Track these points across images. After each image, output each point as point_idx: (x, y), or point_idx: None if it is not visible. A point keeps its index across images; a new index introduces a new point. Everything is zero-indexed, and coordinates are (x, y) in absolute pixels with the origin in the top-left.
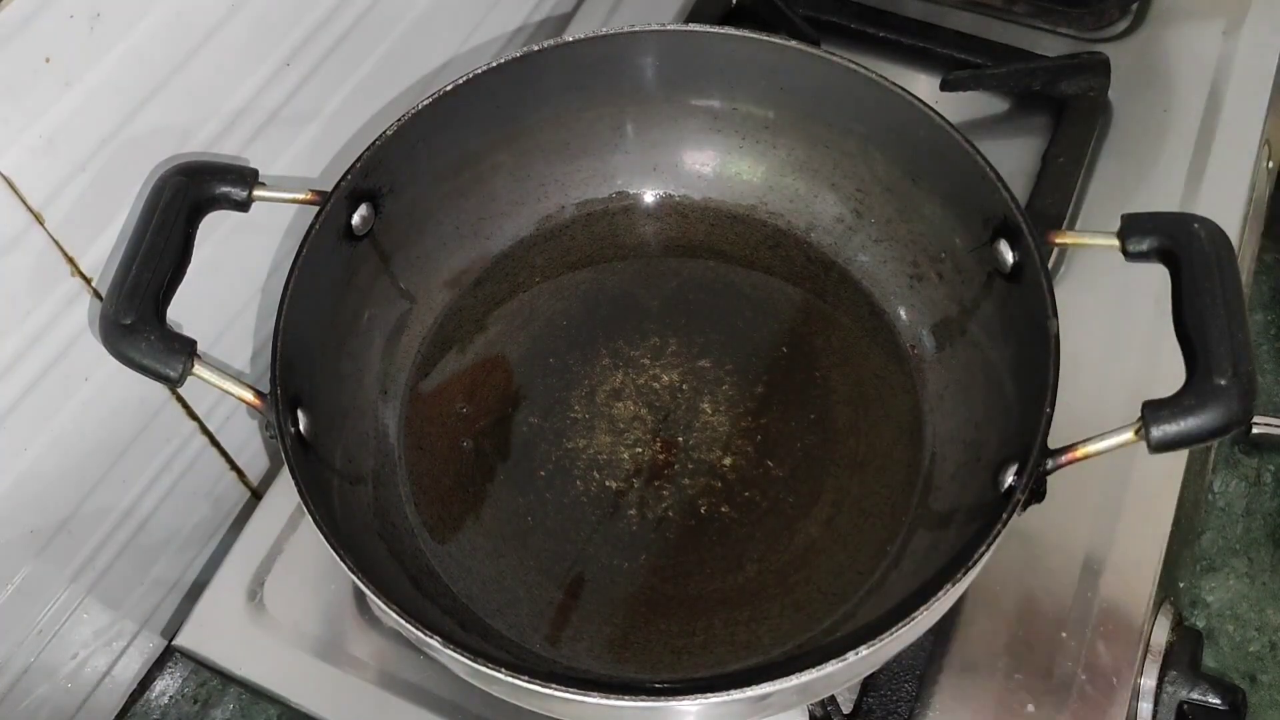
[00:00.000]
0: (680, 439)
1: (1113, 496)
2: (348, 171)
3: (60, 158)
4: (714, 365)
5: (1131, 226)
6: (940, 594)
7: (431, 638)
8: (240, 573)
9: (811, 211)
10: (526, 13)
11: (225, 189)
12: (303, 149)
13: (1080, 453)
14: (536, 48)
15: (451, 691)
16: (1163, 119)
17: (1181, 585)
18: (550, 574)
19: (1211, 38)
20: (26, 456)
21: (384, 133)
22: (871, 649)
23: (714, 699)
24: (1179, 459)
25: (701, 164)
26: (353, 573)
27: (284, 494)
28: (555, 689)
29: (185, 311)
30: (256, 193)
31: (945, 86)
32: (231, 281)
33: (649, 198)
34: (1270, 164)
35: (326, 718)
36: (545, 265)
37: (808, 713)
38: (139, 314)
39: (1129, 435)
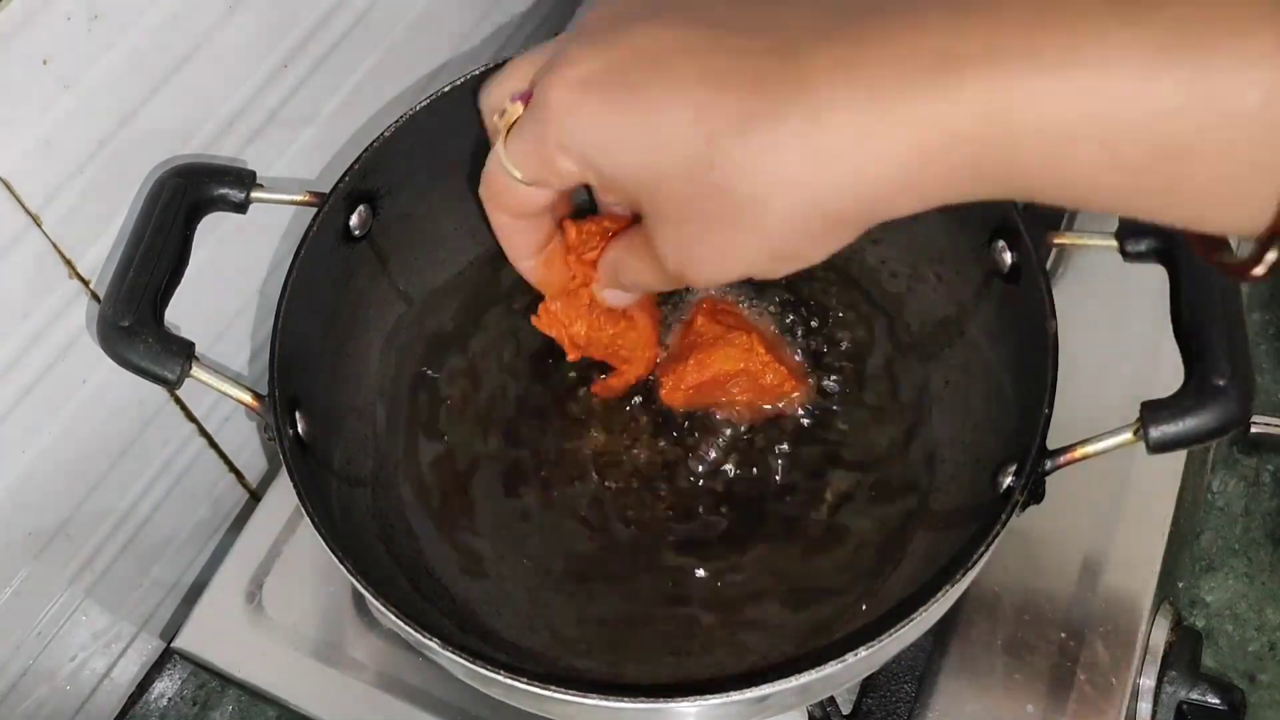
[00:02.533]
0: (678, 440)
1: (1112, 497)
2: (346, 173)
3: (58, 160)
4: None
5: (1129, 227)
6: (940, 594)
7: (430, 639)
8: (239, 575)
9: None
10: (524, 14)
11: (223, 191)
12: (301, 150)
13: (1079, 453)
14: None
15: (450, 693)
16: None
17: (1180, 585)
18: (549, 575)
19: None
20: (25, 459)
21: (382, 134)
22: (871, 649)
23: (713, 700)
24: (1178, 459)
25: None
26: (351, 575)
27: (283, 496)
28: (554, 690)
29: (183, 313)
30: (254, 194)
31: None
32: (230, 283)
33: None
34: None
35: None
36: None
37: (807, 714)
38: (137, 316)
39: (1128, 436)
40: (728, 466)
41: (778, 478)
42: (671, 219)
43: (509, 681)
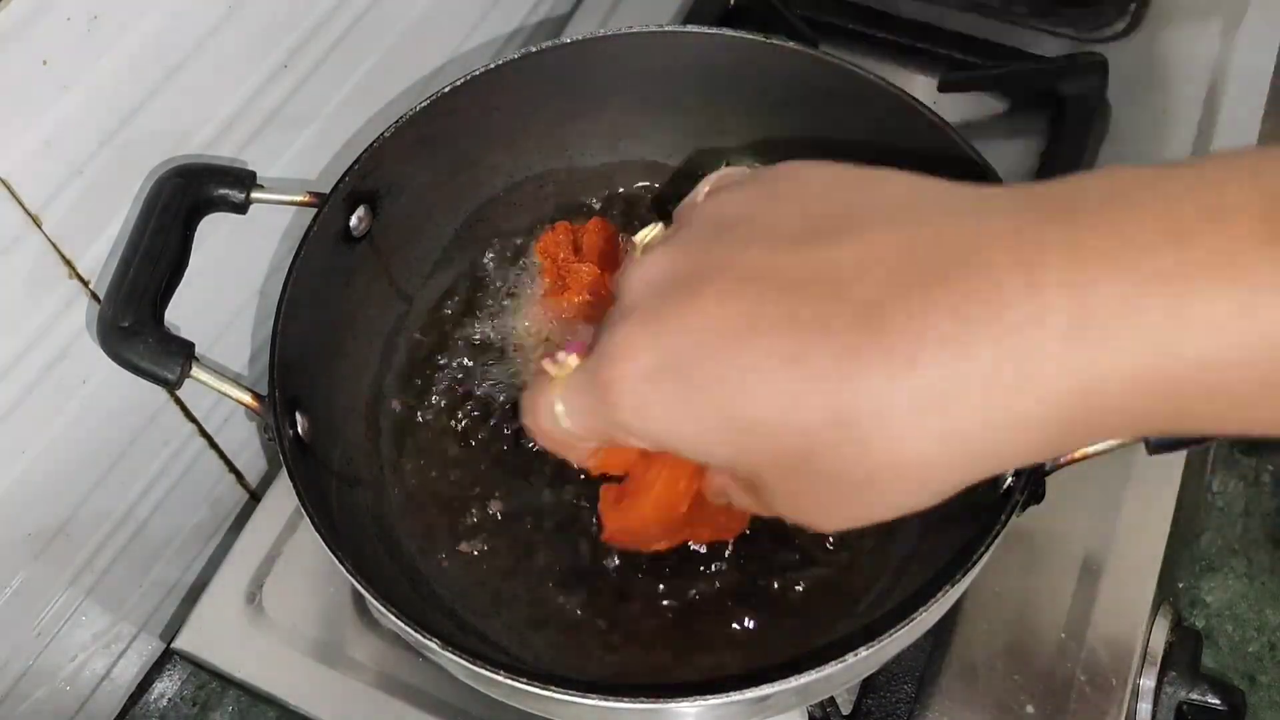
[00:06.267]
0: None
1: (1112, 497)
2: (345, 173)
3: (58, 160)
4: None
5: None
6: (939, 594)
7: (430, 640)
8: (239, 575)
9: None
10: (524, 14)
11: (223, 191)
12: (300, 151)
13: (1079, 453)
14: (534, 49)
15: (450, 694)
16: (1161, 120)
17: (1180, 585)
18: (549, 575)
19: (1209, 38)
20: (24, 459)
21: (382, 135)
22: (871, 650)
23: (713, 700)
24: (1177, 459)
25: (699, 166)
26: (351, 575)
27: (282, 496)
28: (554, 691)
29: (183, 314)
30: (254, 195)
31: (943, 87)
32: (229, 284)
33: (646, 200)
34: None
35: None
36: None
37: (807, 714)
38: (137, 316)
39: None
40: None
41: None
42: (779, 492)
43: (509, 682)
